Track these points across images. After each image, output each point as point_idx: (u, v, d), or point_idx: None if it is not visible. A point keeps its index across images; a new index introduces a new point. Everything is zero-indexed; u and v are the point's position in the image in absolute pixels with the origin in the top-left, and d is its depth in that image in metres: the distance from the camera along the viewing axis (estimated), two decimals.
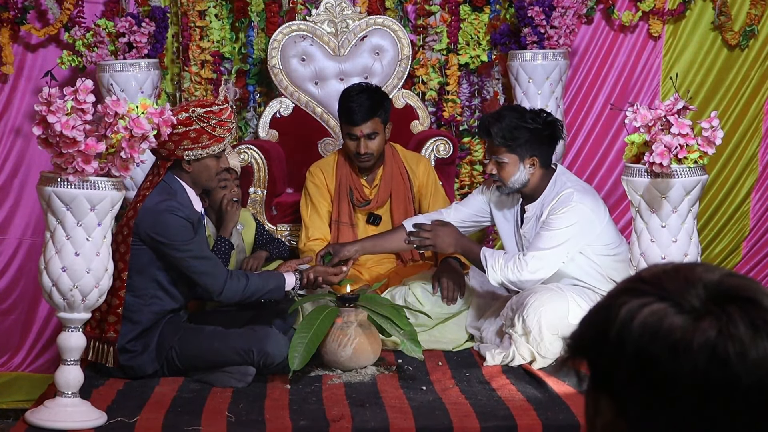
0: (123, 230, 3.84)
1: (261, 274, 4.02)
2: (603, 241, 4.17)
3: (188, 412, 3.53)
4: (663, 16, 5.23)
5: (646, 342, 1.00)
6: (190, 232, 3.80)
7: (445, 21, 5.20)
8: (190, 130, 3.80)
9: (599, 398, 1.05)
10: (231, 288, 3.85)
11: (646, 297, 1.03)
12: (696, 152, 3.57)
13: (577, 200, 4.09)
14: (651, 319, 1.01)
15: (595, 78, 5.32)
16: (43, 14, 5.03)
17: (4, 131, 5.08)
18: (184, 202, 3.85)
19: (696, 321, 1.00)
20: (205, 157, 3.86)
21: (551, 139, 4.17)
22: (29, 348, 5.12)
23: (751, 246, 5.41)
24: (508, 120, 4.11)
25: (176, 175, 3.88)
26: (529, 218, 4.23)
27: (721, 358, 0.98)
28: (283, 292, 3.98)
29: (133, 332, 3.84)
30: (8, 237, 5.11)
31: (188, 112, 3.80)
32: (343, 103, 4.49)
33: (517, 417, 3.49)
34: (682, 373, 0.99)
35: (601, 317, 1.05)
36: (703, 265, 1.07)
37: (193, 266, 3.81)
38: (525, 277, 4.05)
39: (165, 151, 3.82)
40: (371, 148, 4.48)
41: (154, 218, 3.79)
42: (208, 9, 5.10)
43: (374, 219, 4.65)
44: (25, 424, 3.43)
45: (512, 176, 4.14)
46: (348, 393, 3.74)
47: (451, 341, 4.38)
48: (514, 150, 4.11)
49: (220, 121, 3.84)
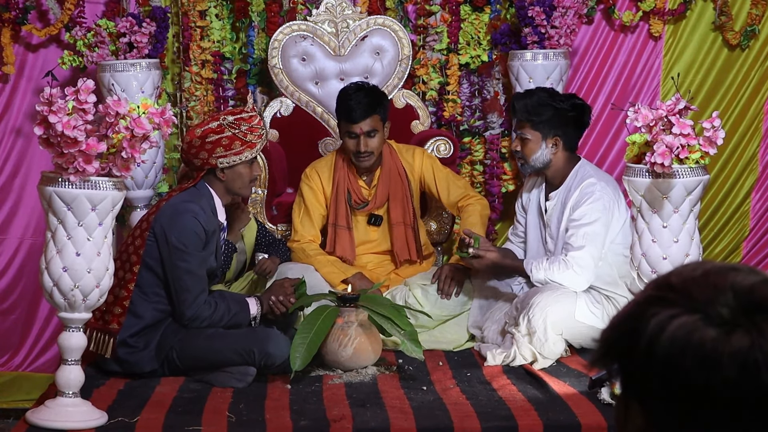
0: (142, 224, 3.90)
1: (229, 300, 3.96)
2: (622, 239, 4.17)
3: (189, 412, 3.53)
4: (663, 16, 5.23)
5: (676, 355, 1.00)
6: (200, 242, 3.82)
7: (446, 21, 5.20)
8: (223, 137, 3.89)
9: (630, 404, 1.05)
10: (200, 314, 3.85)
11: (675, 308, 1.02)
12: (697, 152, 3.57)
13: (600, 190, 4.12)
14: (680, 332, 1.00)
15: (595, 78, 5.32)
16: (44, 14, 5.03)
17: (5, 131, 5.08)
18: (208, 209, 3.89)
19: (726, 334, 0.99)
20: (238, 164, 3.93)
21: (577, 123, 4.23)
22: (30, 348, 5.12)
23: (752, 246, 5.41)
24: (537, 97, 4.22)
25: (208, 183, 3.94)
26: (552, 206, 4.26)
27: (753, 370, 0.97)
28: (248, 320, 3.97)
29: (135, 327, 3.85)
30: (9, 237, 5.10)
31: (219, 120, 3.91)
32: (342, 101, 4.49)
33: (517, 417, 3.49)
34: (713, 386, 0.98)
35: (630, 326, 1.04)
36: (735, 268, 1.05)
37: (182, 279, 3.82)
38: (570, 276, 4.07)
39: (199, 161, 3.90)
40: (371, 146, 4.47)
41: (173, 216, 3.84)
42: (208, 9, 5.10)
43: (375, 220, 4.64)
44: (26, 424, 3.43)
45: (534, 153, 4.21)
46: (348, 393, 3.74)
47: (451, 341, 4.38)
48: (537, 126, 4.19)
49: (251, 127, 3.93)
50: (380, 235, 4.66)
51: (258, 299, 4.00)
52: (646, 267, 3.73)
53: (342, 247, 4.58)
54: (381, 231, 4.66)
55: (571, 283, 4.08)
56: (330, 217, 4.60)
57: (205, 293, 3.87)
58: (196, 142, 3.90)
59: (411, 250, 4.62)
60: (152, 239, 3.85)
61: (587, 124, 4.32)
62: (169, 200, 3.91)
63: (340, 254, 4.57)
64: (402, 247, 4.62)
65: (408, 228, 4.61)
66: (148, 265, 3.85)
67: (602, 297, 4.18)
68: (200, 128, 3.94)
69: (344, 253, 4.58)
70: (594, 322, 4.07)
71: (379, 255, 4.68)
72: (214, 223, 3.90)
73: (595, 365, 1.09)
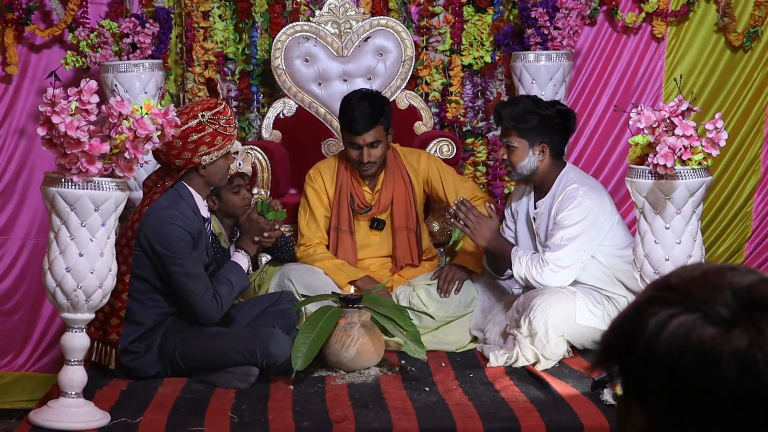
0: (127, 233, 3.85)
1: (224, 275, 3.98)
2: (611, 241, 4.19)
3: (191, 413, 3.53)
4: (666, 18, 5.22)
5: (675, 354, 1.00)
6: (188, 246, 3.81)
7: (449, 22, 5.20)
8: (205, 134, 3.84)
9: (631, 405, 1.05)
10: (211, 313, 3.87)
11: (674, 307, 1.02)
12: (700, 154, 3.57)
13: (582, 195, 4.13)
14: (679, 332, 1.00)
15: (597, 79, 5.32)
16: (47, 15, 5.03)
17: (9, 132, 5.08)
18: (189, 211, 3.85)
19: (725, 332, 0.99)
20: (219, 158, 3.89)
21: (563, 129, 4.24)
22: (33, 348, 5.12)
23: (754, 247, 5.41)
24: (522, 105, 4.23)
25: (185, 181, 3.89)
26: (540, 213, 4.26)
27: (752, 369, 0.97)
28: (247, 281, 4.07)
29: (136, 333, 3.85)
30: (12, 237, 5.10)
31: (198, 118, 3.83)
32: (345, 111, 4.45)
33: (520, 418, 3.49)
34: (712, 385, 0.98)
35: (630, 327, 1.05)
36: (734, 268, 1.06)
37: (183, 283, 3.82)
38: (546, 275, 4.10)
39: (181, 161, 3.84)
40: (374, 156, 4.45)
41: (155, 225, 3.80)
42: (211, 10, 5.10)
43: (378, 224, 4.63)
44: (29, 424, 3.43)
45: (521, 161, 4.21)
46: (351, 394, 3.74)
47: (454, 342, 4.38)
48: (524, 134, 4.19)
49: (228, 119, 3.89)
50: (382, 238, 4.66)
51: (242, 249, 4.06)
52: (649, 268, 3.73)
53: (344, 251, 4.57)
54: (382, 235, 4.65)
55: (550, 280, 4.09)
56: (332, 220, 4.59)
57: (209, 291, 3.86)
58: (177, 143, 3.78)
59: (413, 254, 4.62)
60: (139, 249, 3.83)
61: (573, 130, 4.34)
62: (149, 207, 3.84)
63: (342, 258, 4.57)
64: (404, 252, 4.61)
65: (410, 233, 4.61)
66: (138, 275, 3.84)
67: (602, 297, 4.19)
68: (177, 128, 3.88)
69: (346, 257, 4.57)
70: (595, 323, 4.08)
71: (380, 259, 4.67)
72: (197, 223, 3.88)
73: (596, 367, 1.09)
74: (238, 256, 4.04)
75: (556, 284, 4.12)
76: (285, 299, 4.21)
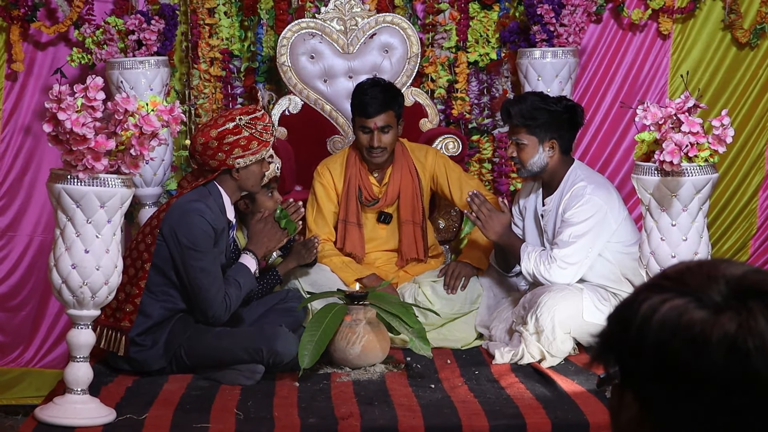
0: (152, 221, 3.89)
1: (232, 276, 3.97)
2: (618, 238, 4.20)
3: (197, 410, 3.53)
4: (673, 14, 5.21)
5: (666, 337, 1.00)
6: (210, 240, 3.82)
7: (454, 19, 5.20)
8: (241, 137, 3.87)
9: (624, 394, 1.05)
10: (220, 313, 3.86)
11: (668, 293, 1.03)
12: (706, 150, 3.56)
13: (591, 193, 4.13)
14: (671, 314, 1.01)
15: (603, 76, 5.31)
16: (52, 12, 5.03)
17: (15, 128, 5.09)
18: (215, 207, 3.87)
19: (715, 315, 1.00)
20: (253, 163, 3.91)
21: (571, 124, 4.25)
22: (39, 344, 5.14)
23: (759, 244, 5.40)
24: (530, 101, 4.23)
25: (219, 182, 3.93)
26: (548, 211, 4.27)
27: (741, 352, 0.98)
28: (255, 283, 4.05)
29: (143, 325, 3.85)
30: (19, 234, 5.11)
31: (235, 121, 3.88)
32: (357, 96, 4.50)
33: (526, 415, 3.48)
34: (702, 368, 0.99)
35: (623, 314, 1.06)
36: (728, 261, 1.07)
37: (198, 278, 3.81)
38: (554, 271, 4.12)
39: (216, 162, 3.88)
40: (384, 142, 4.47)
41: (180, 215, 3.82)
42: (217, 6, 5.10)
43: (385, 218, 4.64)
44: (35, 420, 3.44)
45: (531, 158, 4.21)
46: (357, 391, 3.74)
47: (459, 339, 4.38)
48: (533, 131, 4.20)
49: (265, 125, 3.92)
50: (388, 232, 4.67)
51: (251, 252, 4.05)
52: (655, 265, 3.72)
53: (351, 244, 4.58)
54: (389, 229, 4.66)
55: (557, 277, 4.10)
56: (340, 213, 4.61)
57: (221, 291, 3.86)
58: (213, 144, 3.86)
59: (418, 248, 4.63)
60: (161, 239, 3.84)
61: (581, 124, 4.34)
62: (178, 199, 3.90)
63: (349, 250, 4.58)
64: (410, 246, 4.62)
65: (417, 227, 4.61)
66: (157, 266, 3.85)
67: (609, 295, 4.19)
68: (215, 129, 3.88)
69: (353, 249, 4.58)
70: (602, 320, 4.06)
71: (386, 253, 4.68)
72: (223, 222, 3.90)
73: (595, 360, 1.10)
74: (246, 258, 4.04)
75: (564, 281, 4.12)
76: (292, 297, 4.22)
